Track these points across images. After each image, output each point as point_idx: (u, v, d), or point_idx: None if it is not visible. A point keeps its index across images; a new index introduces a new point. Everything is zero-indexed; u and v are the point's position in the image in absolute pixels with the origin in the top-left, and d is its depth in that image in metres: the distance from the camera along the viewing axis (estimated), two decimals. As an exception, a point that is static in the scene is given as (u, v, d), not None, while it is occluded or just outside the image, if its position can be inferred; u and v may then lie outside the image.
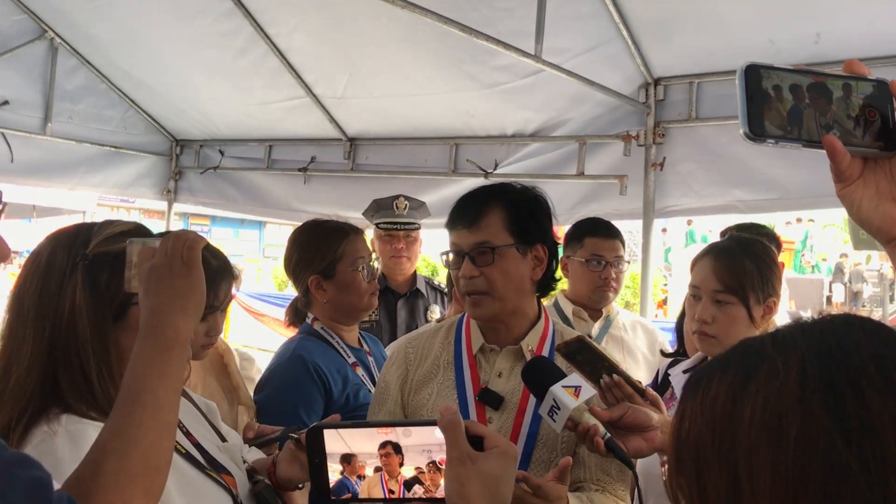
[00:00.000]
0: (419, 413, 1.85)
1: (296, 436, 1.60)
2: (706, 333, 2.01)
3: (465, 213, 1.84)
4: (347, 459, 1.13)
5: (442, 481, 1.06)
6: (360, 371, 2.38)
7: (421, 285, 3.64)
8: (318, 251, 2.42)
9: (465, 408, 1.81)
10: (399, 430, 1.11)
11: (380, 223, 3.56)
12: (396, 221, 3.54)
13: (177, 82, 4.93)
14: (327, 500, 1.14)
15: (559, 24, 3.23)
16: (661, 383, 2.24)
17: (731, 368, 0.70)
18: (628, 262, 3.09)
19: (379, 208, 3.58)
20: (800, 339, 0.69)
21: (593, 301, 3.02)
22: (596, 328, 3.03)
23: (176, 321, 1.10)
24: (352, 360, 2.39)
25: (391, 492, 1.11)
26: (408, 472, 1.10)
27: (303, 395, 2.23)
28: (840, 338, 0.68)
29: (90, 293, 1.29)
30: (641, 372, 2.94)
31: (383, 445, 1.10)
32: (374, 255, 2.53)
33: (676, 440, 0.72)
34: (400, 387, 1.90)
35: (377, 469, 1.12)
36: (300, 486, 1.62)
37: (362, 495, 1.12)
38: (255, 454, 1.74)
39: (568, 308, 3.05)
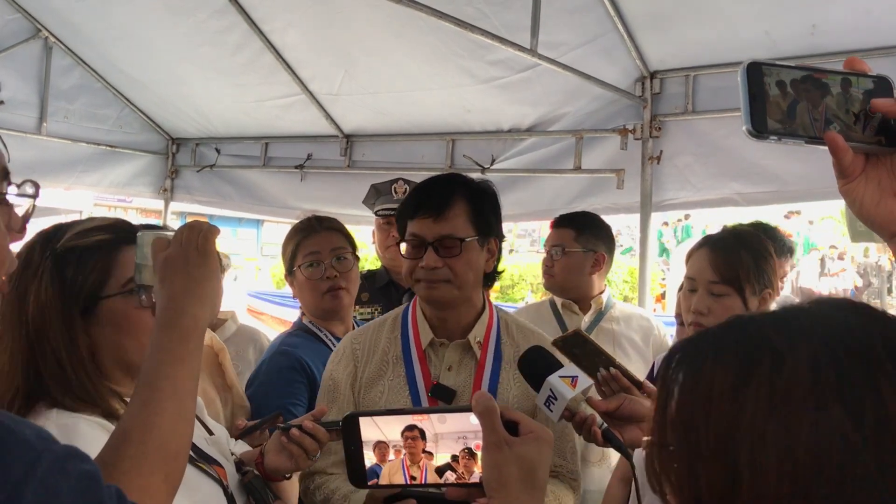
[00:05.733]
0: None
1: (283, 426, 1.62)
2: (701, 325, 2.01)
3: (429, 202, 1.84)
4: (378, 447, 1.13)
5: (476, 468, 1.06)
6: None
7: None
8: (283, 249, 2.52)
9: (417, 404, 1.83)
10: (434, 416, 1.10)
11: (378, 210, 3.42)
12: (394, 207, 3.30)
13: (172, 80, 4.91)
14: (363, 485, 1.14)
15: (554, 17, 3.23)
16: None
17: (726, 353, 0.67)
18: (576, 252, 3.00)
19: (378, 194, 3.45)
20: (807, 327, 0.65)
21: (546, 288, 3.16)
22: (586, 321, 3.04)
23: (193, 309, 1.11)
24: None
25: (413, 478, 1.11)
26: (442, 459, 1.10)
27: (288, 388, 2.28)
28: (852, 329, 0.64)
29: (56, 287, 1.33)
30: (633, 363, 2.94)
31: (410, 429, 1.10)
32: (332, 253, 2.45)
33: (661, 421, 0.70)
34: (350, 385, 1.91)
35: (396, 452, 1.11)
36: (287, 476, 1.63)
37: (383, 481, 1.12)
38: (241, 447, 1.75)
39: (559, 301, 3.11)
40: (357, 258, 2.54)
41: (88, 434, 1.25)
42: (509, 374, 1.88)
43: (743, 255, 1.99)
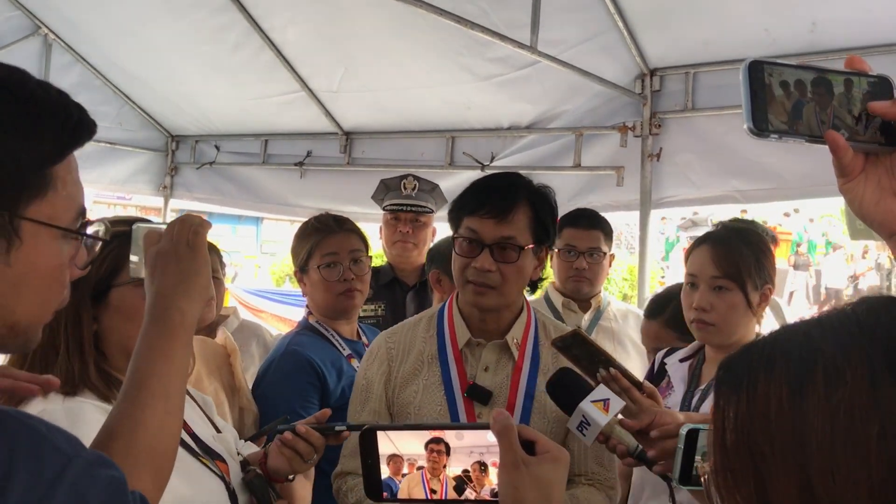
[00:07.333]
0: (405, 411, 1.83)
1: (280, 427, 1.62)
2: (704, 321, 2.01)
3: (493, 201, 1.77)
4: (392, 460, 1.13)
5: (487, 483, 1.06)
6: (355, 363, 2.39)
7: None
8: (296, 246, 2.49)
9: (452, 404, 1.80)
10: (451, 432, 1.10)
11: (386, 206, 3.38)
12: (402, 203, 3.32)
13: (172, 78, 4.91)
14: (379, 499, 1.13)
15: (555, 15, 3.23)
16: (657, 373, 2.24)
17: (776, 367, 0.65)
18: (606, 255, 3.01)
19: (387, 189, 3.40)
20: (855, 329, 0.64)
21: (569, 291, 3.02)
22: (586, 319, 3.03)
23: (181, 304, 1.10)
24: (347, 352, 2.40)
25: (433, 491, 1.10)
26: (454, 472, 1.09)
27: (297, 390, 2.25)
28: None
29: None
30: (632, 361, 2.94)
31: (436, 441, 1.09)
32: (350, 255, 2.44)
33: (722, 450, 0.68)
34: (384, 384, 1.88)
35: (419, 468, 1.11)
36: (290, 477, 1.63)
37: (402, 495, 1.11)
38: (249, 448, 1.76)
39: (558, 300, 3.06)
40: (370, 258, 2.53)
41: (94, 419, 1.26)
42: (546, 378, 1.85)
43: (743, 250, 2.00)
